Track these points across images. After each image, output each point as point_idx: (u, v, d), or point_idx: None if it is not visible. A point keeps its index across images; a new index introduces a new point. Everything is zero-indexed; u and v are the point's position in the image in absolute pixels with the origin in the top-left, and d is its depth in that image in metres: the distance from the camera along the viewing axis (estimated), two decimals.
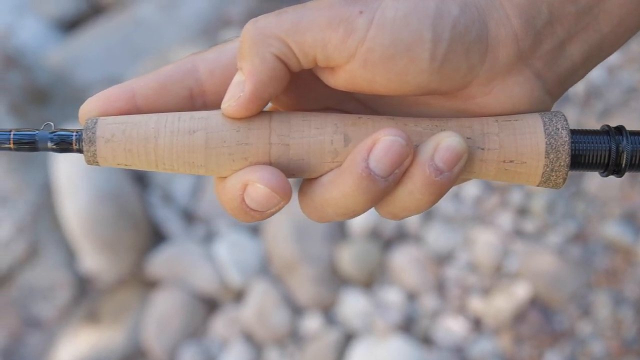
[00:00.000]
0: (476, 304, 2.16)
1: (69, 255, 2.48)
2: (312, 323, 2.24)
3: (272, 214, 0.54)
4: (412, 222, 2.29)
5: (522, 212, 2.26)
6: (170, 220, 2.48)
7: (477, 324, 2.17)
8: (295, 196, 0.56)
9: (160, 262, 2.40)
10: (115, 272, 2.43)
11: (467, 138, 0.53)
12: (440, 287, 2.22)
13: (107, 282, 2.46)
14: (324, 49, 0.51)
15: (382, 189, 0.52)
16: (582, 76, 0.57)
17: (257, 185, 0.52)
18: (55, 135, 0.54)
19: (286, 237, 2.30)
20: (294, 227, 2.31)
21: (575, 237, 2.19)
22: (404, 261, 2.24)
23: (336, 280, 2.29)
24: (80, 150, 0.54)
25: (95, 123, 0.54)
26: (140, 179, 2.56)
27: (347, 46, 0.51)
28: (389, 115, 0.55)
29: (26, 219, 2.47)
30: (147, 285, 2.45)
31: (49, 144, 0.54)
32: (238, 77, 0.53)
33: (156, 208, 2.50)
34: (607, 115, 2.25)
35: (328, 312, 2.28)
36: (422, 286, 2.21)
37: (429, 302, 2.20)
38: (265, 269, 2.36)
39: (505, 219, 2.24)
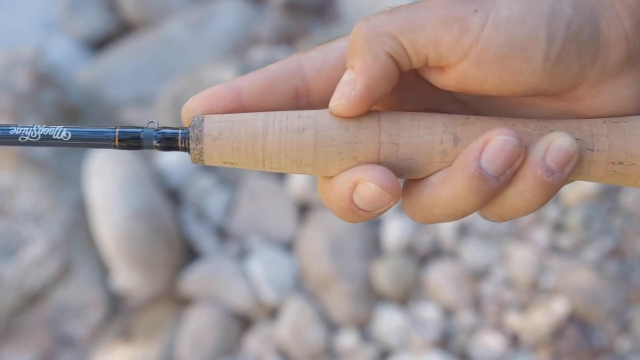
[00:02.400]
0: (513, 320, 2.15)
1: (102, 273, 2.48)
2: (347, 340, 2.23)
3: (379, 214, 0.54)
4: (448, 238, 2.28)
5: (558, 227, 2.24)
6: (203, 238, 2.47)
7: (514, 340, 2.15)
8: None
9: (194, 280, 2.39)
10: (148, 290, 2.42)
11: (577, 139, 0.53)
12: (476, 303, 2.21)
13: (141, 299, 2.45)
14: (437, 48, 0.51)
15: (493, 189, 0.51)
16: None
17: (369, 184, 0.51)
18: (159, 133, 0.54)
19: (321, 254, 2.29)
20: (329, 243, 2.30)
21: (612, 252, 2.17)
22: (440, 277, 2.22)
23: (371, 296, 2.28)
24: (186, 149, 0.54)
25: (202, 121, 0.53)
26: (174, 196, 2.55)
27: (461, 45, 0.50)
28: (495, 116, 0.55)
29: (59, 237, 2.47)
30: (181, 302, 2.44)
31: (154, 142, 0.54)
32: (348, 76, 0.52)
33: (190, 225, 2.49)
34: None
35: (363, 329, 2.27)
36: (459, 302, 2.20)
37: (465, 318, 2.19)
38: (300, 285, 2.35)
39: (541, 235, 2.23)
